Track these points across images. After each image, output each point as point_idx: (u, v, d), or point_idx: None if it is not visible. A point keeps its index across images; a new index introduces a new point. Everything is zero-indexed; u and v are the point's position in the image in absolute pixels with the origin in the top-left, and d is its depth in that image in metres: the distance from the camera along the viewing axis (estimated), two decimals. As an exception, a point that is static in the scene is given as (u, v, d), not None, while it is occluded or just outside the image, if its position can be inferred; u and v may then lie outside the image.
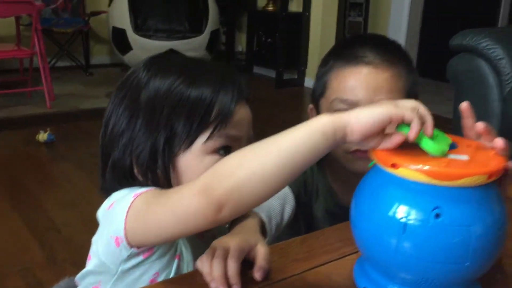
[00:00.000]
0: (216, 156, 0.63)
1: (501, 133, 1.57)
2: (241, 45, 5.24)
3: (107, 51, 4.81)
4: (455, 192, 0.51)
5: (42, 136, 2.61)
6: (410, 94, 0.88)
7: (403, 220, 0.51)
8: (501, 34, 1.88)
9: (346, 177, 0.90)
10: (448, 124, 2.51)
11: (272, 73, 4.41)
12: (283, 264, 0.64)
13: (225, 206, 0.52)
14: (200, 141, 0.63)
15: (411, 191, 0.52)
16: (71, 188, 2.11)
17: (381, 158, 0.53)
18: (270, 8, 4.57)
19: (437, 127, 0.53)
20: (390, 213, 0.52)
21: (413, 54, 4.84)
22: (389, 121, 0.51)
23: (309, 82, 4.09)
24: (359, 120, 0.51)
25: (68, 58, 4.43)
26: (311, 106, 0.97)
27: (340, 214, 0.80)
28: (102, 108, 0.67)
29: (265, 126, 1.03)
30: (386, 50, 0.89)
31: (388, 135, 0.54)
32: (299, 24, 4.15)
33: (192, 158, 0.64)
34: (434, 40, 4.61)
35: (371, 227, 0.54)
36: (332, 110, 0.87)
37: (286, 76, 4.28)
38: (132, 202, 0.58)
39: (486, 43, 1.82)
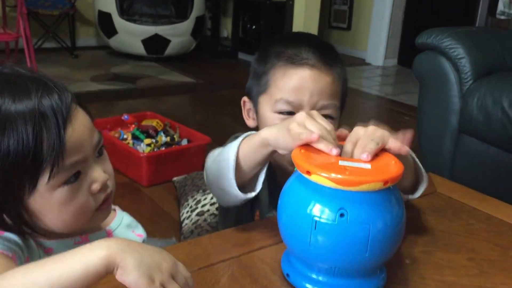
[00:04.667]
0: (66, 186, 0.63)
1: (460, 127, 1.73)
2: (226, 30, 5.29)
3: (93, 33, 4.86)
4: (356, 196, 0.61)
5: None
6: (342, 95, 0.95)
7: (316, 218, 0.62)
8: (463, 34, 1.98)
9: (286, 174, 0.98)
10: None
11: (256, 60, 4.49)
12: (224, 249, 0.76)
13: None
14: (43, 182, 0.61)
15: (321, 194, 0.62)
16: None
17: (299, 165, 0.64)
18: (256, -6, 4.63)
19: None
20: (305, 212, 0.63)
21: (395, 43, 4.94)
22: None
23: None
24: (126, 270, 0.51)
25: (54, 40, 4.47)
26: (245, 98, 1.01)
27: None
28: (87, 92, 0.71)
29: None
30: (326, 53, 0.92)
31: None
32: (283, 11, 4.23)
33: (41, 199, 0.62)
34: (417, 30, 4.69)
35: (290, 223, 0.66)
36: (276, 109, 0.91)
37: (269, 63, 4.36)
38: None
39: (448, 43, 1.93)
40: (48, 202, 0.63)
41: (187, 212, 1.58)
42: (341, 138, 0.71)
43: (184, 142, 2.21)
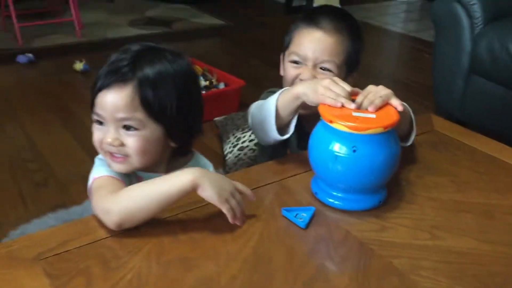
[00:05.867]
0: (95, 124, 0.92)
1: (470, 68, 2.04)
2: (253, -30, 5.36)
3: (126, -24, 5.01)
4: (365, 138, 0.88)
5: (79, 65, 2.95)
6: (351, 57, 1.19)
7: (336, 153, 0.89)
8: (477, -19, 2.14)
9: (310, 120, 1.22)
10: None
11: (282, -1, 4.60)
12: (268, 176, 1.04)
13: (122, 225, 0.81)
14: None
15: (340, 136, 0.89)
16: (109, 112, 2.51)
17: (323, 115, 0.91)
18: None
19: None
20: (329, 148, 0.90)
21: (420, -24, 4.96)
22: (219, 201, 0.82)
23: (317, 7, 4.29)
24: (205, 189, 0.80)
25: (90, -16, 4.66)
26: (282, 54, 1.26)
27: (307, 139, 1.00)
28: (127, 37, 0.88)
29: (272, 53, 1.30)
30: (339, 20, 1.16)
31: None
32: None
33: None
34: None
35: (318, 156, 0.93)
36: (289, 59, 1.18)
37: (296, 3, 4.47)
38: (92, 182, 0.91)
39: (462, -11, 2.10)
40: None
41: (230, 147, 1.88)
42: (354, 93, 0.97)
43: (221, 85, 2.48)
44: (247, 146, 1.82)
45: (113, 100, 0.87)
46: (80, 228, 0.85)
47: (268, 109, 1.04)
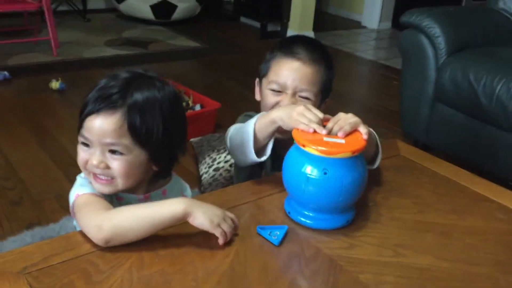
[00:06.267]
0: (81, 145, 0.95)
1: (435, 96, 2.16)
2: (229, -6, 5.49)
3: (103, -4, 5.08)
4: (335, 161, 0.94)
5: (55, 84, 2.97)
6: (326, 85, 1.27)
7: (308, 175, 0.95)
8: (441, 15, 2.27)
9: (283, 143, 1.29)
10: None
11: (257, 24, 4.71)
12: (244, 196, 1.09)
13: (110, 242, 0.84)
14: None
15: (312, 159, 0.95)
16: (84, 131, 2.53)
17: (297, 140, 0.97)
18: (257, -41, 4.80)
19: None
20: (301, 170, 0.96)
21: (390, 6, 5.17)
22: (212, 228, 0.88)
23: (291, 34, 4.42)
24: (196, 217, 0.86)
25: (67, 3, 4.69)
26: (257, 79, 1.33)
27: (280, 161, 1.06)
28: (103, 57, 0.92)
29: (247, 76, 1.38)
30: (314, 51, 1.24)
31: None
32: (283, -23, 4.42)
33: None
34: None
35: (291, 177, 0.99)
36: (269, 87, 1.24)
37: (270, 28, 4.59)
38: (75, 199, 0.93)
39: (427, 22, 2.23)
40: None
41: (205, 168, 1.93)
42: (325, 119, 1.04)
43: (197, 107, 2.54)
44: (222, 166, 1.87)
45: (101, 126, 0.90)
46: (63, 244, 0.88)
47: (247, 132, 1.11)
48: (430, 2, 2.81)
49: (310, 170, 0.95)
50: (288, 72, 1.22)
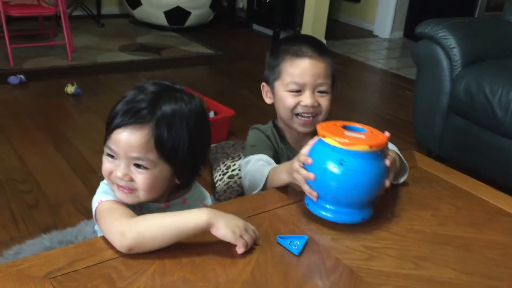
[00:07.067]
0: (107, 156, 0.95)
1: (449, 107, 2.16)
2: (242, 2, 5.52)
3: (116, 2, 5.12)
4: (352, 153, 0.97)
5: (70, 88, 3.00)
6: (333, 76, 1.32)
7: (325, 165, 0.97)
8: (457, 26, 2.27)
9: (298, 138, 1.35)
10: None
11: (270, 32, 4.73)
12: (263, 204, 1.10)
13: (133, 249, 0.86)
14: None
15: (330, 150, 0.98)
16: (99, 137, 2.54)
17: (318, 131, 1.01)
18: (271, -33, 4.82)
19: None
20: (320, 160, 0.98)
21: (402, 16, 5.18)
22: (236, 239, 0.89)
23: (303, 41, 4.43)
24: (219, 228, 0.87)
25: (81, 8, 4.75)
26: (263, 84, 1.37)
27: None
28: (118, 62, 0.92)
29: (260, 83, 1.39)
30: (318, 46, 1.29)
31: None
32: (296, -15, 4.45)
33: None
34: (423, 2, 4.92)
35: (310, 168, 1.01)
36: (288, 89, 1.28)
37: (283, 36, 4.59)
38: (98, 204, 0.95)
39: (442, 33, 2.23)
40: None
41: (220, 175, 1.94)
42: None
43: (211, 114, 2.55)
44: (237, 174, 1.88)
45: (129, 140, 0.91)
46: (87, 249, 0.90)
47: (258, 182, 1.20)
48: (443, 13, 2.80)
49: (327, 160, 0.98)
50: (305, 71, 1.26)
